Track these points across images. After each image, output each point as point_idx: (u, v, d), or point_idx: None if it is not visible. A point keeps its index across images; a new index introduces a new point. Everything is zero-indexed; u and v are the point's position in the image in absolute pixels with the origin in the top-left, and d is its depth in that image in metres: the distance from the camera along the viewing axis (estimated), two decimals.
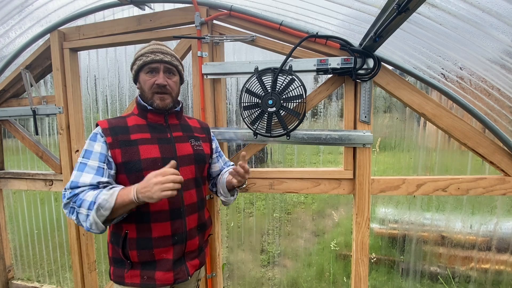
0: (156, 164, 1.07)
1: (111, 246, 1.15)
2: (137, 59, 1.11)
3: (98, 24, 1.75)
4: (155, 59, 1.08)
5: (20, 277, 2.62)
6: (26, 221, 2.63)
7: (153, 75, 1.10)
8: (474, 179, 1.45)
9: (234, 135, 1.59)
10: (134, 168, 1.05)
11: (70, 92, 1.86)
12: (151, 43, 1.15)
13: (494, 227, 1.87)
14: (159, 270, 1.08)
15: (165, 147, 1.12)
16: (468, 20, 1.02)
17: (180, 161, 1.14)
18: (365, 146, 1.46)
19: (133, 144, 1.07)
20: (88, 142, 1.05)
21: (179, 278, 1.11)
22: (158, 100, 1.11)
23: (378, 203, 2.26)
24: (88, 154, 1.03)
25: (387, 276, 2.21)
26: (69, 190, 0.99)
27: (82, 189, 0.98)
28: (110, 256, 1.15)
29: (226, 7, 1.53)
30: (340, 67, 1.40)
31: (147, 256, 1.07)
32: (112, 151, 1.04)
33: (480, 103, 1.40)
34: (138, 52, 1.12)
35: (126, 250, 1.08)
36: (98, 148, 1.04)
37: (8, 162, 2.37)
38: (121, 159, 1.04)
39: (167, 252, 1.09)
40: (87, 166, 1.01)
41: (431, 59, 1.36)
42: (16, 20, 1.89)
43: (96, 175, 1.00)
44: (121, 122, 1.11)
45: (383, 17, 0.96)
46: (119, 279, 1.11)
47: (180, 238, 1.12)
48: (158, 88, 1.10)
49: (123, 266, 1.10)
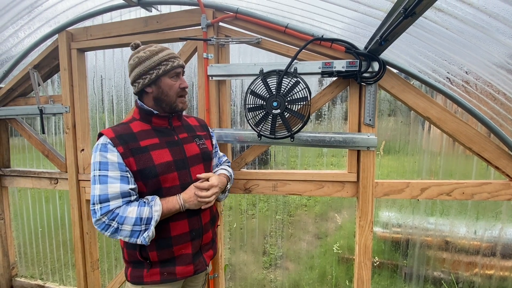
0: (170, 168, 1.09)
1: (126, 250, 1.15)
2: (161, 64, 1.08)
3: (106, 25, 1.77)
4: (180, 63, 1.13)
5: (23, 274, 2.64)
6: (31, 219, 2.65)
7: (176, 80, 1.13)
8: (479, 183, 1.44)
9: (238, 137, 1.60)
10: (150, 174, 1.05)
11: (76, 92, 1.88)
12: (160, 47, 1.13)
13: (499, 232, 1.85)
14: (179, 265, 1.12)
15: (175, 150, 1.14)
16: (474, 24, 1.02)
17: (190, 161, 1.17)
18: (369, 149, 1.46)
19: (144, 150, 1.07)
20: (100, 154, 1.02)
21: (199, 269, 1.18)
22: (181, 104, 1.16)
23: (381, 206, 2.24)
24: (105, 166, 1.01)
25: (389, 280, 2.19)
26: (98, 205, 0.99)
27: (116, 205, 1.00)
28: (127, 259, 1.16)
29: (232, 10, 1.54)
30: (345, 70, 1.40)
31: (166, 254, 1.11)
32: (126, 160, 1.03)
33: (486, 107, 1.40)
34: (155, 57, 1.09)
35: (146, 252, 1.09)
36: (114, 158, 1.02)
37: (14, 160, 2.40)
38: (136, 167, 1.04)
39: (186, 248, 1.13)
40: (109, 177, 1.00)
41: (436, 63, 1.36)
42: (26, 20, 1.92)
43: (123, 184, 1.01)
44: (126, 129, 1.10)
45: (389, 20, 0.96)
46: (138, 279, 1.12)
47: (197, 233, 1.17)
48: (182, 92, 1.14)
49: (142, 267, 1.12)
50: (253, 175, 1.65)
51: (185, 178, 1.14)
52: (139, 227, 1.00)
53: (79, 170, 1.95)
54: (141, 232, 1.01)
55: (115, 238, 1.03)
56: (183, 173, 1.14)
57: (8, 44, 2.07)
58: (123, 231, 1.00)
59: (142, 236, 1.00)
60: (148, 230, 1.01)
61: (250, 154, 1.66)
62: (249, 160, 1.66)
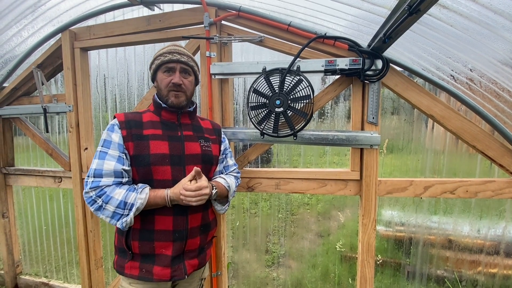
0: (164, 160, 1.10)
1: (117, 235, 1.19)
2: (156, 59, 1.16)
3: (108, 24, 1.78)
4: (172, 59, 1.13)
5: (28, 272, 2.67)
6: (35, 217, 2.67)
7: (169, 74, 1.15)
8: (483, 181, 1.43)
9: (241, 135, 1.60)
10: (143, 162, 1.08)
11: (80, 91, 1.89)
12: (170, 44, 1.20)
13: (502, 231, 1.84)
14: (157, 265, 1.10)
15: (174, 145, 1.15)
16: (479, 21, 1.01)
17: (187, 159, 1.16)
18: (372, 147, 1.46)
19: (144, 138, 1.11)
20: (106, 132, 1.10)
21: (176, 276, 1.12)
22: (173, 97, 1.15)
23: (384, 205, 2.24)
24: (108, 144, 1.08)
25: (392, 279, 2.19)
26: (91, 178, 1.04)
27: (106, 183, 1.03)
28: (116, 245, 1.19)
29: (234, 8, 1.54)
30: (348, 68, 1.40)
31: (147, 248, 1.10)
32: (126, 143, 1.09)
33: (490, 105, 1.39)
34: (157, 52, 1.17)
35: (129, 240, 1.11)
36: (116, 138, 1.08)
37: (18, 159, 2.42)
38: (133, 152, 1.09)
39: (167, 248, 1.11)
40: (107, 155, 1.06)
41: (440, 61, 1.35)
42: (29, 19, 1.93)
43: (118, 163, 1.06)
44: (137, 117, 1.16)
45: (393, 18, 0.96)
46: (120, 269, 1.15)
47: (181, 235, 1.13)
48: (174, 87, 1.14)
49: (125, 257, 1.14)
50: (256, 173, 1.66)
51: (179, 174, 1.13)
52: (121, 210, 1.02)
53: (83, 169, 1.96)
54: (122, 216, 1.03)
55: (98, 216, 1.07)
56: (177, 169, 1.13)
57: (12, 44, 2.09)
58: (105, 210, 1.02)
59: (121, 221, 1.03)
60: (128, 215, 1.02)
61: (253, 153, 1.66)
62: (252, 159, 1.67)
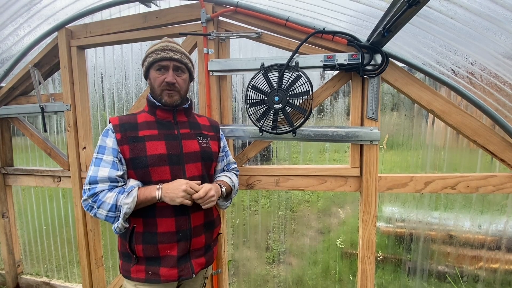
0: (161, 160, 1.08)
1: (120, 240, 1.17)
2: (148, 56, 1.12)
3: (105, 22, 1.76)
4: (165, 57, 1.09)
5: (29, 272, 2.67)
6: (35, 217, 2.67)
7: (162, 73, 1.12)
8: (484, 176, 1.42)
9: (240, 132, 1.59)
10: (141, 164, 1.07)
11: (77, 90, 1.88)
12: (162, 39, 1.16)
13: (504, 226, 1.83)
14: (163, 266, 1.09)
15: (172, 144, 1.13)
16: (481, 13, 0.99)
17: (186, 158, 1.14)
18: (372, 143, 1.44)
19: (140, 140, 1.09)
20: (101, 138, 1.10)
21: (183, 275, 1.12)
22: (166, 97, 1.13)
23: (385, 201, 2.23)
24: (102, 150, 1.08)
25: (393, 275, 2.19)
26: (88, 185, 1.04)
27: (101, 188, 1.04)
28: (119, 250, 1.18)
29: (232, 4, 1.52)
30: (347, 63, 1.38)
31: (152, 251, 1.09)
32: (121, 147, 1.08)
33: (491, 99, 1.37)
34: (149, 49, 1.13)
35: (133, 244, 1.09)
36: (110, 143, 1.08)
37: (17, 159, 2.41)
38: (129, 155, 1.07)
39: (172, 249, 1.10)
40: (102, 161, 1.06)
41: (441, 54, 1.33)
42: (25, 18, 1.91)
43: (112, 169, 1.05)
44: (131, 119, 1.15)
45: (392, 10, 0.94)
46: (126, 273, 1.13)
47: (184, 235, 1.12)
48: (167, 86, 1.11)
49: (130, 261, 1.12)
50: (255, 170, 1.65)
51: (178, 173, 1.11)
52: (113, 213, 1.03)
53: (82, 168, 1.95)
54: (115, 219, 1.05)
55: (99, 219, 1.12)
56: (176, 168, 1.11)
57: (8, 43, 2.07)
58: (100, 215, 1.04)
59: (113, 226, 1.06)
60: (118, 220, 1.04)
61: (252, 150, 1.65)
62: (251, 156, 1.66)
